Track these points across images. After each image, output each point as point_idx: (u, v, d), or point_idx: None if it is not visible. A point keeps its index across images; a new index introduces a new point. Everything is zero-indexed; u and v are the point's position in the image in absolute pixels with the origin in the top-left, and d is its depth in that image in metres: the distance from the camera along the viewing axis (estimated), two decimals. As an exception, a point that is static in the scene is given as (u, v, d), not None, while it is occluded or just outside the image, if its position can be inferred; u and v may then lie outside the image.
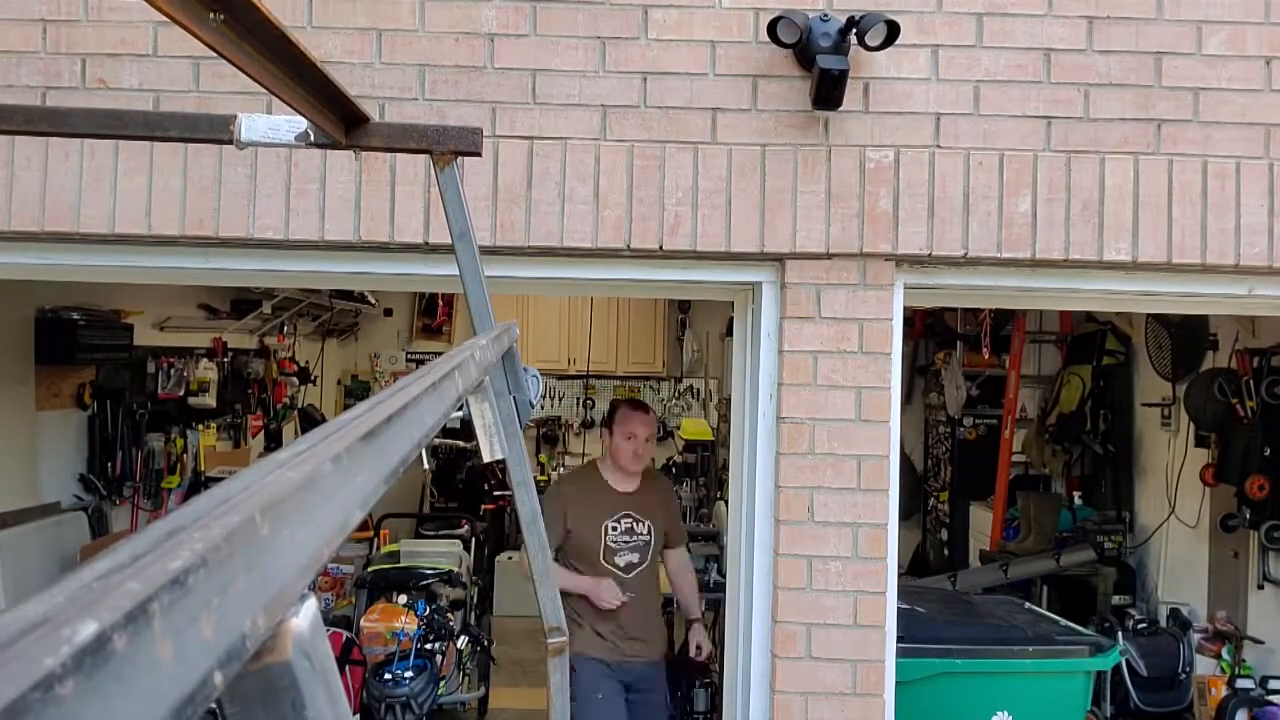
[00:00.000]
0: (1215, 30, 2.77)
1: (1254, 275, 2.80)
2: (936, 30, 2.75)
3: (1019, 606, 4.18)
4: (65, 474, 5.31)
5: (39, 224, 2.66)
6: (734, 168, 2.72)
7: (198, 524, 0.36)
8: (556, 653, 1.80)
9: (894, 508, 2.77)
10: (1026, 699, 3.47)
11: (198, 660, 0.32)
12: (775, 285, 2.80)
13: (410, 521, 7.11)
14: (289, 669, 0.46)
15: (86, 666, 0.26)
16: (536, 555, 1.77)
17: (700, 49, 2.74)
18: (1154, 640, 4.97)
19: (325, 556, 0.45)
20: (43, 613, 0.28)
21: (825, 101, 2.65)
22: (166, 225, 2.67)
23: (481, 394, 1.65)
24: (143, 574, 0.30)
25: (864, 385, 2.73)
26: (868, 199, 2.73)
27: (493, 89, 2.72)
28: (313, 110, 1.46)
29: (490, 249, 2.62)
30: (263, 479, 0.42)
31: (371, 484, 0.54)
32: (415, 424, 0.69)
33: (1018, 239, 2.73)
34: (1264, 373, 4.91)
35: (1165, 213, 2.74)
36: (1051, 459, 6.69)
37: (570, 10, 2.73)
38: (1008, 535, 6.54)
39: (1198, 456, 5.36)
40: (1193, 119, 2.77)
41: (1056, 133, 2.76)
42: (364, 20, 2.72)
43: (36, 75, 2.70)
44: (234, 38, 1.17)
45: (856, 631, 2.70)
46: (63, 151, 2.65)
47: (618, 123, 2.73)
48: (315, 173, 2.68)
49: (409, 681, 4.14)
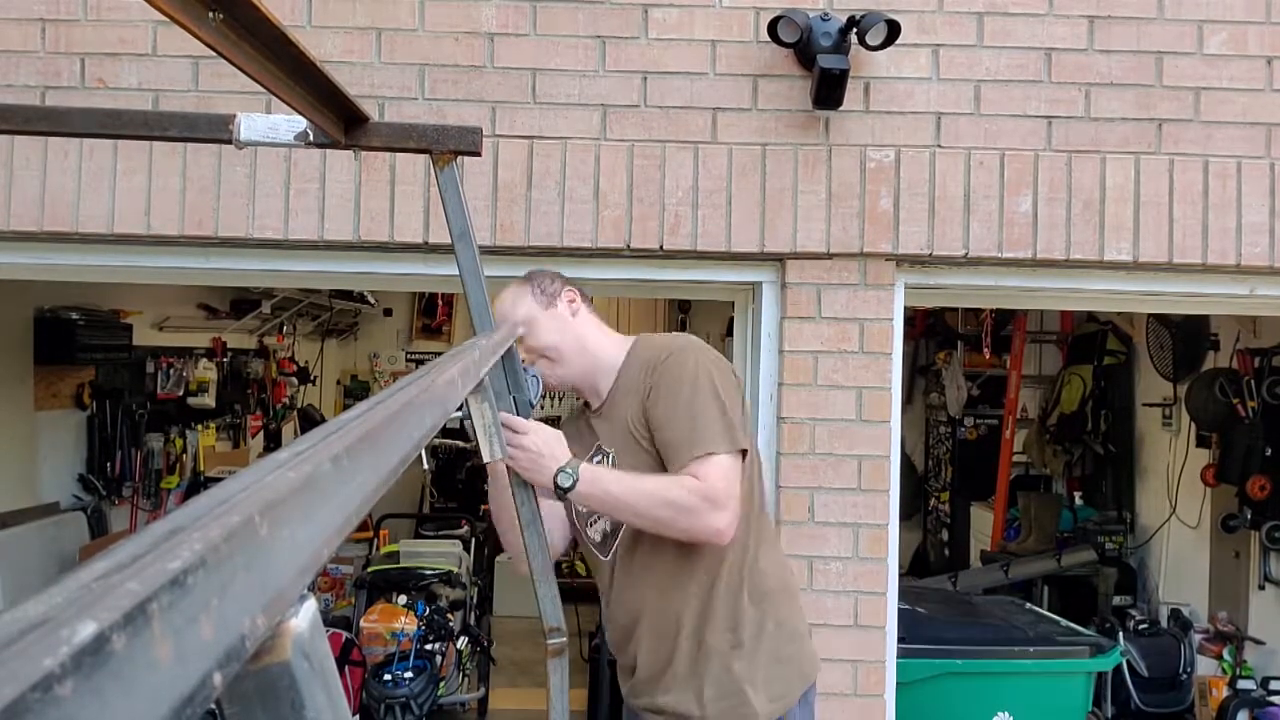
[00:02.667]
0: (1216, 30, 2.77)
1: (1255, 275, 2.80)
2: (937, 30, 2.75)
3: (1020, 607, 4.18)
4: (64, 474, 5.31)
5: (38, 224, 2.66)
6: (734, 167, 2.72)
7: (197, 524, 0.35)
8: (556, 653, 1.80)
9: (895, 508, 2.76)
10: (1027, 700, 3.47)
11: (197, 661, 0.32)
12: (776, 285, 2.80)
13: (410, 522, 7.10)
14: (288, 669, 0.46)
15: (86, 667, 0.26)
16: (536, 555, 1.77)
17: (700, 48, 2.74)
18: (1155, 641, 4.96)
19: (325, 557, 0.45)
20: (42, 613, 0.28)
21: (826, 101, 2.65)
22: (166, 225, 2.67)
23: (481, 394, 1.65)
24: (142, 574, 0.30)
25: (865, 385, 2.72)
26: (868, 199, 2.73)
27: (492, 88, 2.72)
28: (312, 110, 1.46)
29: (490, 249, 2.62)
30: (262, 479, 0.42)
31: (371, 484, 0.54)
32: (415, 424, 0.69)
33: (1019, 239, 2.73)
34: (1265, 373, 4.91)
35: (1166, 212, 2.74)
36: (1052, 459, 6.69)
37: (570, 10, 2.73)
38: (1008, 536, 6.53)
39: (1199, 457, 5.36)
40: (1194, 118, 2.76)
41: (1057, 132, 2.76)
42: (363, 20, 2.72)
43: (35, 75, 2.70)
44: (233, 37, 1.16)
45: (857, 632, 2.70)
46: (62, 151, 2.65)
47: (618, 122, 2.73)
48: (315, 172, 2.68)
49: (408, 682, 4.14)
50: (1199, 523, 5.41)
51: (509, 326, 1.88)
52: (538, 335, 2.06)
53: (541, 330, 2.06)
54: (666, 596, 1.97)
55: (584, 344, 2.09)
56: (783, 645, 1.98)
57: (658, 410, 1.93)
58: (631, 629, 2.04)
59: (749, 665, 1.93)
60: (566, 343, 2.07)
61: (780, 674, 1.96)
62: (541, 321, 2.07)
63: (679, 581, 1.96)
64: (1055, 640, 3.62)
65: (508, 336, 1.72)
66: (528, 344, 2.06)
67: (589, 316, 2.14)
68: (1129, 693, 4.77)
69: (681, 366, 1.94)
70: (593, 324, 2.13)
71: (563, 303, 2.10)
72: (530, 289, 2.11)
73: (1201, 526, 5.40)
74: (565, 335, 2.07)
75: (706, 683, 1.93)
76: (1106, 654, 3.59)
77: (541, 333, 2.06)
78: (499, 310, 2.07)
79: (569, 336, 2.08)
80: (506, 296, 2.12)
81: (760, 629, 1.95)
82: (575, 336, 2.08)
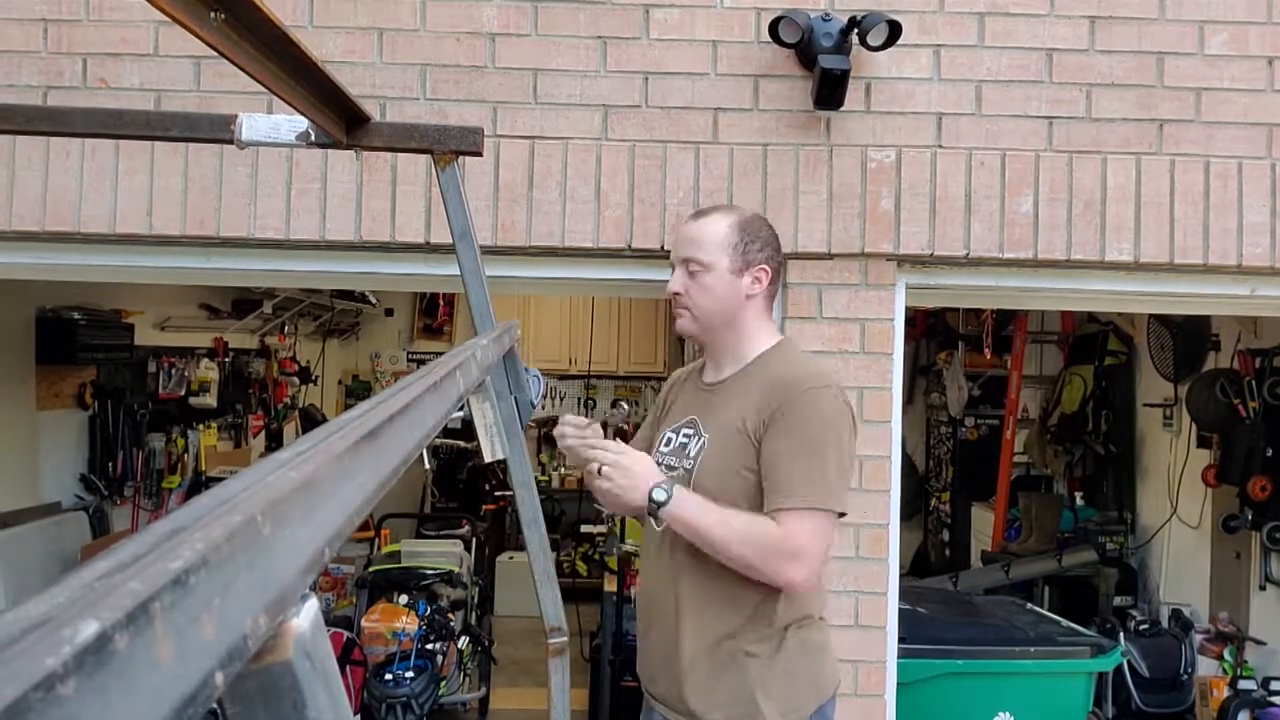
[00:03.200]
0: (1217, 30, 2.77)
1: (1256, 275, 2.80)
2: (938, 30, 2.75)
3: (1020, 607, 4.18)
4: (66, 474, 5.31)
5: (40, 224, 2.66)
6: (735, 167, 2.72)
7: (199, 524, 0.36)
8: (557, 653, 1.80)
9: (895, 508, 2.76)
10: (1028, 700, 3.47)
11: (199, 660, 0.32)
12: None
13: (411, 521, 7.10)
14: (290, 669, 0.46)
15: (88, 666, 0.26)
16: (537, 556, 1.77)
17: (702, 49, 2.74)
18: (1156, 641, 4.96)
19: (327, 556, 0.45)
20: (44, 612, 0.28)
21: (827, 101, 2.65)
22: (167, 225, 2.67)
23: (483, 394, 1.65)
24: (144, 574, 0.30)
25: (866, 385, 2.72)
26: (869, 199, 2.73)
27: (494, 89, 2.72)
28: (314, 110, 1.46)
29: (491, 249, 2.62)
30: (264, 479, 0.42)
31: (373, 484, 0.54)
32: (416, 424, 0.69)
33: (1020, 239, 2.73)
34: (1266, 373, 4.91)
35: (1167, 213, 2.74)
36: (1053, 459, 6.69)
37: (571, 10, 2.73)
38: (1009, 536, 6.53)
39: (1199, 457, 5.36)
40: (1195, 119, 2.76)
41: (1058, 133, 2.76)
42: (365, 20, 2.72)
43: (38, 75, 2.70)
44: (235, 37, 1.17)
45: (858, 632, 2.70)
46: (64, 151, 2.65)
47: (619, 122, 2.73)
48: (316, 172, 2.68)
49: (410, 682, 4.14)
50: (1200, 523, 5.41)
51: (510, 326, 1.88)
52: (704, 290, 1.95)
53: (711, 286, 1.95)
54: (705, 586, 1.91)
55: (734, 324, 1.99)
56: (801, 659, 1.94)
57: (776, 442, 1.85)
58: (661, 603, 1.98)
59: (765, 674, 1.90)
60: (721, 314, 1.97)
61: (794, 688, 1.92)
62: (719, 278, 1.95)
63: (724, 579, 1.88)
64: (1056, 640, 3.62)
65: (508, 336, 1.72)
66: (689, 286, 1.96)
67: (762, 304, 2.00)
68: (1130, 693, 4.77)
69: (816, 407, 1.86)
70: (759, 311, 2.00)
71: (750, 276, 1.97)
72: (738, 240, 1.96)
73: (1202, 527, 5.40)
74: (726, 306, 1.96)
75: (721, 684, 1.90)
76: (1107, 654, 3.58)
77: (709, 289, 1.95)
78: (694, 229, 1.98)
79: (728, 310, 1.97)
80: (712, 228, 1.96)
81: (783, 642, 1.92)
82: (732, 313, 1.97)
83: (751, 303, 1.98)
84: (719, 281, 1.95)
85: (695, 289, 1.95)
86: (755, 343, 2.00)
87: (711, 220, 1.99)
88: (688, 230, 2.00)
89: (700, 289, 1.95)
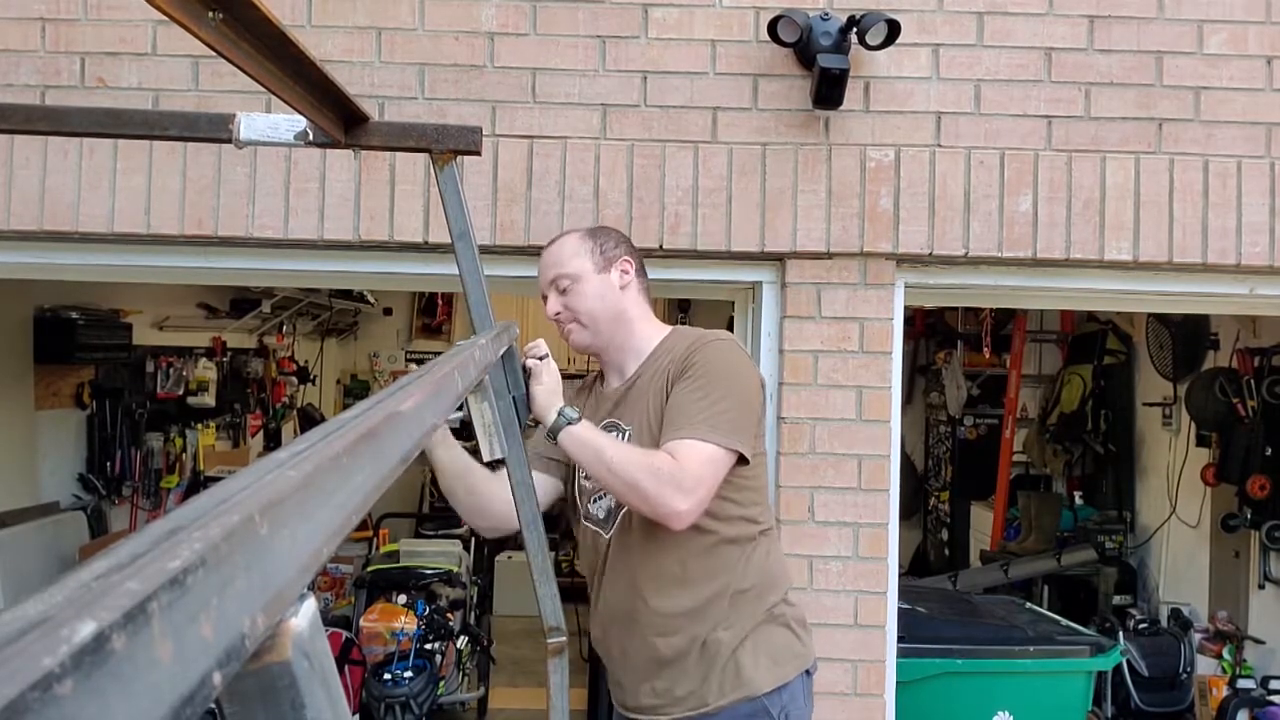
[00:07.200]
0: (1216, 29, 2.77)
1: (1255, 275, 2.80)
2: (937, 29, 2.75)
3: (1020, 606, 4.18)
4: (64, 473, 5.31)
5: (38, 223, 2.66)
6: (734, 167, 2.72)
7: (197, 523, 0.35)
8: (556, 653, 1.80)
9: (894, 507, 2.76)
10: (1027, 699, 3.47)
11: (197, 660, 0.32)
12: (775, 285, 2.80)
13: (410, 521, 7.10)
14: (288, 669, 0.46)
15: (85, 666, 0.26)
16: (536, 555, 1.77)
17: (700, 48, 2.74)
18: (1155, 640, 4.96)
19: (325, 556, 0.45)
20: (41, 612, 0.28)
21: (826, 101, 2.65)
22: (166, 224, 2.67)
23: (481, 393, 1.65)
24: (142, 573, 0.30)
25: (865, 385, 2.72)
26: (868, 198, 2.73)
27: (492, 88, 2.72)
28: (312, 109, 1.46)
29: (490, 248, 2.62)
30: (262, 478, 0.42)
31: (371, 483, 0.54)
32: (415, 423, 0.68)
33: (1019, 238, 2.73)
34: (1265, 372, 4.91)
35: (1166, 212, 2.74)
36: (1052, 459, 6.69)
37: (570, 9, 2.73)
38: (1008, 535, 6.54)
39: (1199, 456, 5.36)
40: (1194, 118, 2.76)
41: (1058, 132, 2.76)
42: (363, 19, 2.72)
43: (35, 74, 2.70)
44: (233, 36, 1.16)
45: (857, 631, 2.70)
46: (61, 151, 2.65)
47: (618, 122, 2.72)
48: (314, 172, 2.68)
49: (408, 681, 4.14)
50: (1199, 522, 5.41)
51: (509, 326, 1.88)
52: (581, 297, 2.01)
53: (586, 292, 2.01)
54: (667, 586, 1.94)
55: (622, 319, 2.04)
56: (779, 632, 1.99)
57: (680, 385, 1.90)
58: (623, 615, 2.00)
59: (745, 646, 1.94)
60: (605, 312, 2.02)
61: (778, 655, 1.97)
62: (589, 283, 2.01)
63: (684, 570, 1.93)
64: (1055, 640, 3.62)
65: (507, 336, 1.72)
66: (567, 302, 2.02)
67: (637, 294, 2.08)
68: (1129, 692, 4.78)
69: (716, 353, 1.93)
70: (638, 301, 2.07)
71: (617, 271, 2.04)
72: (591, 245, 2.05)
73: (1201, 526, 5.40)
74: (606, 304, 2.02)
75: (713, 671, 1.94)
76: (1106, 653, 3.58)
77: (585, 295, 2.01)
78: (550, 254, 2.07)
79: (609, 306, 2.02)
80: (564, 245, 2.05)
81: (756, 622, 1.96)
82: (616, 309, 2.03)
83: (628, 294, 2.05)
84: (590, 284, 2.02)
85: (574, 300, 2.02)
86: (649, 333, 2.07)
87: (559, 240, 2.11)
88: (544, 258, 2.09)
89: (578, 297, 2.02)
